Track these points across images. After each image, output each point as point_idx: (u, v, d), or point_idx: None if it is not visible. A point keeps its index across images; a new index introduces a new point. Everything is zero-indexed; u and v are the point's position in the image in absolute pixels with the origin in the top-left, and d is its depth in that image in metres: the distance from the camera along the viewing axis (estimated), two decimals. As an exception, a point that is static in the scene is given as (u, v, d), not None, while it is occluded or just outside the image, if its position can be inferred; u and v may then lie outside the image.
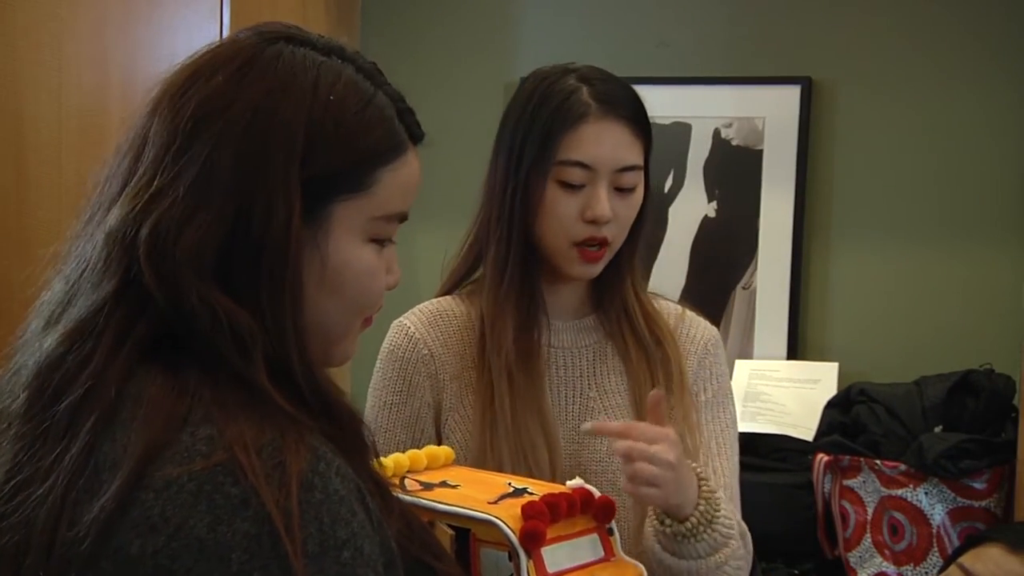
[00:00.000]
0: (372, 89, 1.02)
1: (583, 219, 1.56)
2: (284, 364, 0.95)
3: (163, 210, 0.94)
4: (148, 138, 0.98)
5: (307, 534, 0.86)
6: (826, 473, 2.45)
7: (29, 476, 0.91)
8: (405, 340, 1.64)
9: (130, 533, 0.86)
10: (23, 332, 1.01)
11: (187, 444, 0.88)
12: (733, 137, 2.87)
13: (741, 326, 2.88)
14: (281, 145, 0.95)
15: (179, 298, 0.93)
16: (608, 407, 1.65)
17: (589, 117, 1.56)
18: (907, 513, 2.35)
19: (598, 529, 1.21)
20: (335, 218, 0.99)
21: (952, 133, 2.73)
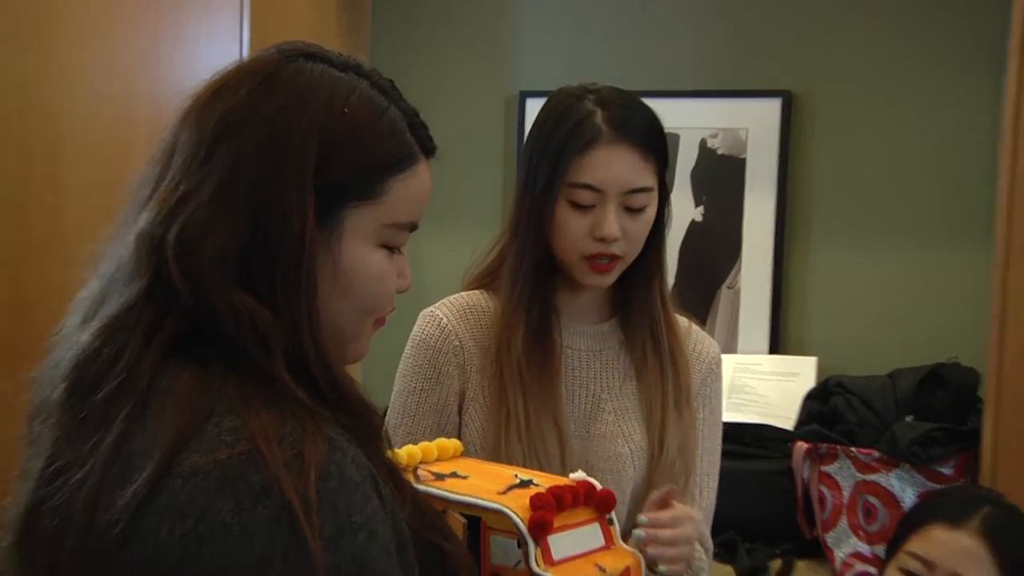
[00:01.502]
0: (385, 103, 1.02)
1: (592, 237, 1.54)
2: (302, 359, 0.95)
3: (189, 214, 0.94)
4: (176, 148, 0.98)
5: (324, 519, 0.86)
6: (805, 460, 2.45)
7: (68, 462, 0.92)
8: (437, 330, 1.61)
9: (160, 517, 0.86)
10: (61, 327, 1.01)
11: (213, 435, 0.88)
12: (718, 146, 2.87)
13: (726, 323, 2.88)
14: (296, 154, 0.95)
15: (205, 297, 0.93)
16: (617, 410, 1.63)
17: (600, 142, 1.52)
18: (880, 497, 2.35)
19: (599, 519, 1.20)
20: (347, 224, 0.98)
21: (921, 142, 2.73)
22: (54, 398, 0.96)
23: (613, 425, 1.62)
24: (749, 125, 2.83)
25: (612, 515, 1.22)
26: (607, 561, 1.17)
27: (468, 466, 1.29)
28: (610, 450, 1.60)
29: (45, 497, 0.92)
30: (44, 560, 0.91)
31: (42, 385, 1.00)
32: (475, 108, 3.02)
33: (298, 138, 0.95)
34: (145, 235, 0.95)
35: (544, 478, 1.23)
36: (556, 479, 1.23)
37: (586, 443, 1.61)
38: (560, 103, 1.58)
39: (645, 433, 1.63)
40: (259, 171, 0.95)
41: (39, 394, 1.00)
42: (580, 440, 1.60)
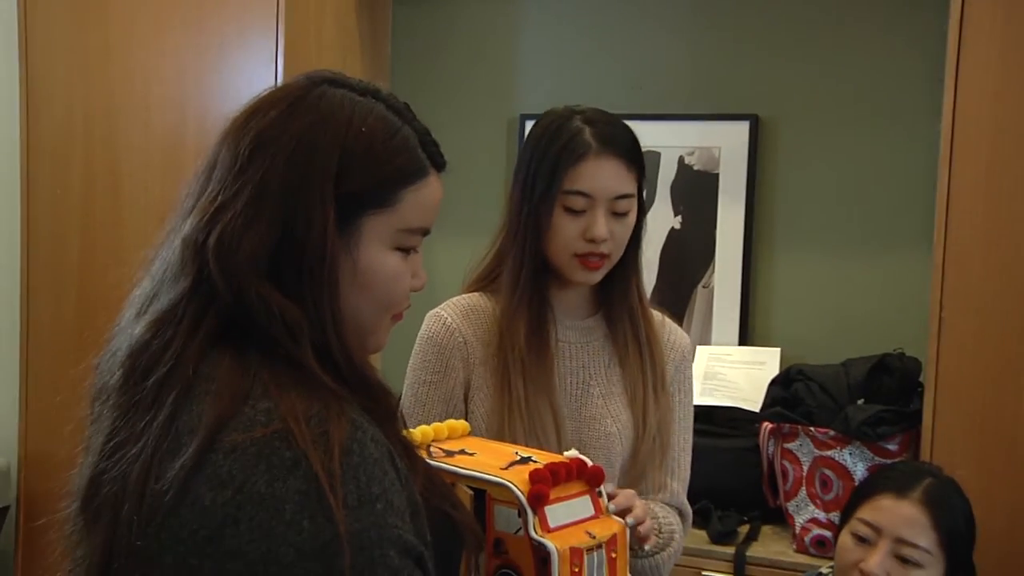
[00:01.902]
0: (399, 123, 1.01)
1: (584, 238, 1.54)
2: (326, 348, 0.94)
3: (226, 221, 0.94)
4: (216, 163, 0.98)
5: (347, 490, 0.86)
6: (770, 438, 2.45)
7: (124, 439, 0.92)
8: (443, 328, 1.61)
9: (204, 487, 0.87)
10: (119, 321, 1.02)
11: (249, 415, 0.89)
12: (695, 163, 2.86)
13: (701, 318, 2.87)
14: (318, 167, 0.95)
15: (241, 294, 0.93)
16: (605, 394, 1.64)
17: (590, 155, 1.54)
18: (835, 470, 2.35)
19: (590, 492, 1.20)
20: (365, 229, 0.98)
21: (871, 159, 2.72)
22: (112, 383, 0.97)
23: (602, 407, 1.62)
24: (722, 144, 2.83)
25: (601, 488, 1.21)
26: (596, 528, 1.17)
27: (475, 444, 1.29)
28: (600, 429, 1.61)
29: (106, 469, 0.93)
30: (105, 522, 0.92)
31: (102, 371, 1.00)
32: (481, 129, 3.02)
33: (320, 153, 0.95)
34: (188, 240, 0.96)
35: (542, 455, 1.23)
36: (552, 456, 1.23)
37: (579, 424, 1.60)
38: (552, 123, 1.58)
39: (630, 414, 1.64)
40: (286, 182, 0.95)
41: (99, 379, 1.00)
42: (573, 421, 1.60)
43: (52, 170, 2.83)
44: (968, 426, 2.25)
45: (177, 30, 2.71)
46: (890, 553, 1.62)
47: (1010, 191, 2.21)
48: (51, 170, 2.84)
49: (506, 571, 1.15)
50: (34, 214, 2.85)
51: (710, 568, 2.38)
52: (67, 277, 2.84)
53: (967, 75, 2.22)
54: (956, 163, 2.23)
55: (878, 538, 1.64)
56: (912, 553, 1.61)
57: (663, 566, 1.61)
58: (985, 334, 2.23)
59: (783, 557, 2.36)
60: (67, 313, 2.83)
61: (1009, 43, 2.20)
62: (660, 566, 1.61)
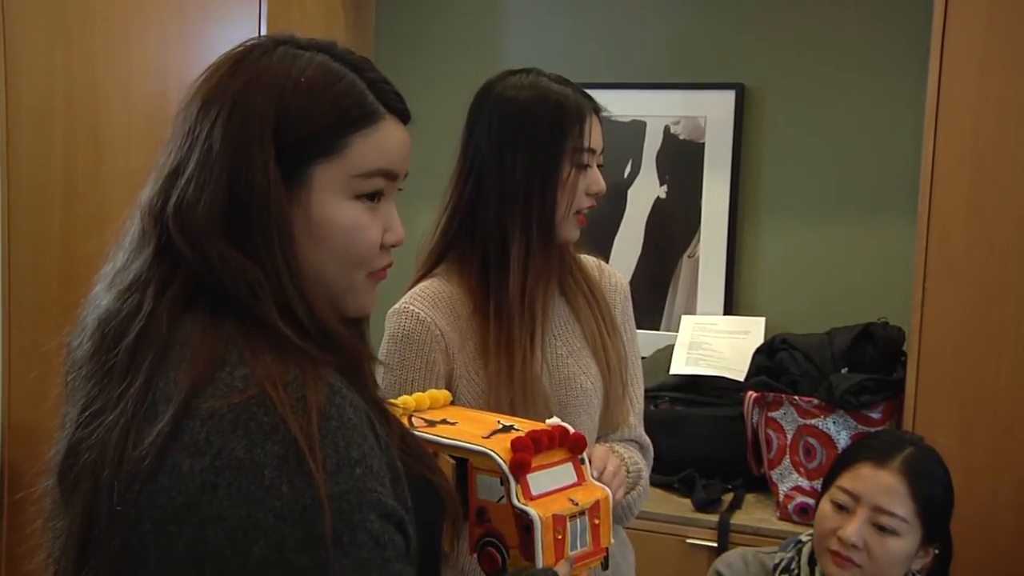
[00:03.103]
0: (344, 71, 1.00)
1: (587, 193, 1.59)
2: (287, 304, 0.94)
3: (181, 186, 0.94)
4: (175, 131, 0.98)
5: (326, 454, 0.86)
6: (754, 407, 2.46)
7: (101, 407, 0.92)
8: (417, 324, 1.55)
9: (182, 454, 0.87)
10: (91, 295, 1.02)
11: (226, 381, 0.88)
12: (680, 133, 2.86)
13: (687, 288, 2.87)
14: (256, 121, 0.94)
15: (203, 256, 0.93)
16: (572, 352, 1.65)
17: (590, 110, 1.60)
18: (818, 438, 2.36)
19: (572, 459, 1.20)
20: (315, 179, 0.96)
21: (855, 129, 2.73)
22: (81, 353, 0.97)
23: (573, 366, 1.63)
24: (707, 114, 2.82)
25: (584, 455, 1.21)
26: (579, 495, 1.17)
27: (456, 413, 1.28)
28: (576, 388, 1.62)
29: (83, 437, 0.92)
30: (85, 489, 0.91)
31: (72, 346, 1.00)
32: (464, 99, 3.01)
33: (257, 107, 0.95)
34: (147, 207, 0.96)
35: (524, 424, 1.23)
36: (534, 424, 1.23)
37: (555, 387, 1.61)
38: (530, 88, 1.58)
39: (596, 364, 1.66)
40: (227, 141, 0.94)
41: (71, 354, 1.00)
42: (551, 384, 1.61)
43: (33, 141, 2.82)
44: (950, 395, 2.27)
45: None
46: (867, 521, 1.64)
47: (994, 162, 2.22)
48: (32, 141, 2.82)
49: (489, 539, 1.15)
50: (15, 184, 2.84)
51: (694, 536, 2.41)
52: (49, 248, 2.83)
53: (952, 45, 2.22)
54: (941, 133, 2.24)
55: (856, 506, 1.65)
56: (889, 521, 1.63)
57: (634, 504, 1.64)
58: (968, 304, 2.25)
59: (766, 524, 2.38)
60: (49, 284, 2.82)
61: (995, 13, 2.20)
62: (631, 504, 1.64)
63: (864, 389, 2.31)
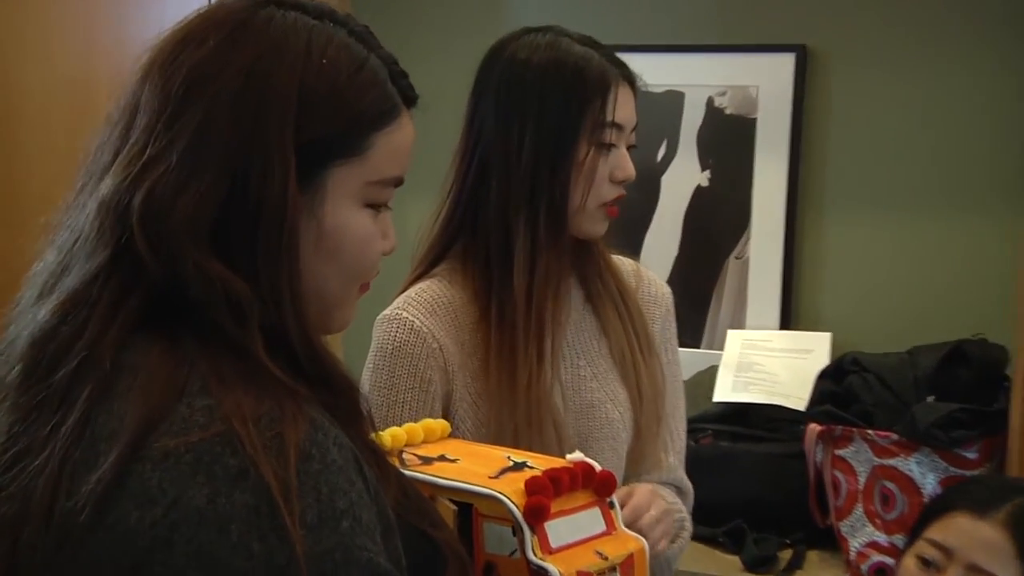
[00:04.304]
0: (365, 52, 1.02)
1: (612, 179, 1.60)
2: (280, 332, 0.95)
3: (156, 177, 0.94)
4: (139, 106, 0.97)
5: (305, 504, 0.86)
6: (818, 443, 2.45)
7: (26, 447, 0.91)
8: (411, 335, 1.57)
9: (128, 504, 0.86)
10: (17, 303, 1.01)
11: (184, 415, 0.88)
12: (727, 106, 2.86)
13: (734, 296, 2.88)
14: (275, 110, 0.95)
15: (174, 266, 0.93)
16: (597, 375, 1.67)
17: (617, 79, 1.61)
18: (899, 482, 2.35)
19: (599, 503, 1.20)
20: (330, 183, 0.99)
21: (948, 103, 2.72)
22: (9, 379, 0.96)
23: (598, 390, 1.65)
24: (760, 82, 2.82)
25: (613, 498, 1.21)
26: (609, 547, 1.17)
27: (457, 448, 1.29)
28: (601, 418, 1.64)
29: (2, 484, 0.91)
30: (2, 552, 0.90)
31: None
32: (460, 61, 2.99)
33: (276, 91, 0.95)
34: (108, 202, 0.95)
35: (539, 459, 1.23)
36: (552, 460, 1.23)
37: (576, 415, 1.63)
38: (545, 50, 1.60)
39: (625, 389, 1.67)
40: (234, 127, 0.94)
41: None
42: (571, 415, 1.62)
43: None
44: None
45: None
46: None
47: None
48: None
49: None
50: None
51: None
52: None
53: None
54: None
55: (948, 562, 1.65)
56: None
57: (673, 560, 1.66)
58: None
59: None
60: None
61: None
62: (672, 559, 1.65)
63: (956, 422, 2.30)
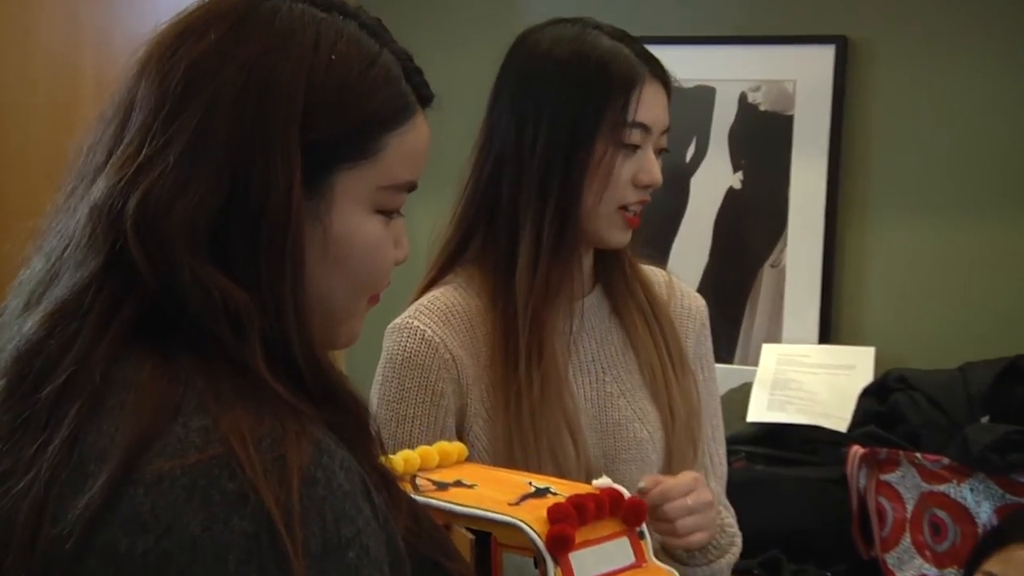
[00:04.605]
0: (377, 47, 1.02)
1: (634, 183, 1.60)
2: (283, 345, 0.95)
3: (152, 180, 0.94)
4: (135, 103, 0.98)
5: (309, 532, 0.86)
6: (861, 467, 2.45)
7: (8, 469, 0.92)
8: (422, 344, 1.59)
9: (118, 531, 0.86)
10: (1, 312, 1.02)
11: (180, 435, 0.88)
12: (761, 102, 2.88)
13: (768, 307, 2.89)
14: (279, 108, 0.96)
15: (169, 275, 0.93)
16: (625, 391, 1.67)
17: (644, 77, 1.61)
18: (950, 511, 2.35)
19: (627, 532, 1.20)
20: (338, 187, 0.99)
21: (1003, 98, 2.72)
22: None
23: (626, 408, 1.66)
24: (797, 76, 2.84)
25: (643, 527, 1.22)
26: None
27: (474, 473, 1.30)
28: (629, 438, 1.64)
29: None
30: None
31: None
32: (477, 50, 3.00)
33: (281, 88, 0.96)
34: (101, 206, 0.95)
35: (563, 485, 1.24)
36: (577, 486, 1.24)
37: (601, 434, 1.64)
38: (572, 41, 1.62)
39: (655, 408, 1.68)
40: (236, 127, 0.95)
41: None
42: (594, 432, 1.63)
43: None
44: None
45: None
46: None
47: None
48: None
49: None
50: None
51: (783, 640, 2.40)
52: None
53: None
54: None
55: (1010, 600, 1.65)
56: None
57: (720, 574, 1.65)
58: None
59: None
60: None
61: None
62: (718, 574, 1.65)
63: (1012, 445, 2.29)
